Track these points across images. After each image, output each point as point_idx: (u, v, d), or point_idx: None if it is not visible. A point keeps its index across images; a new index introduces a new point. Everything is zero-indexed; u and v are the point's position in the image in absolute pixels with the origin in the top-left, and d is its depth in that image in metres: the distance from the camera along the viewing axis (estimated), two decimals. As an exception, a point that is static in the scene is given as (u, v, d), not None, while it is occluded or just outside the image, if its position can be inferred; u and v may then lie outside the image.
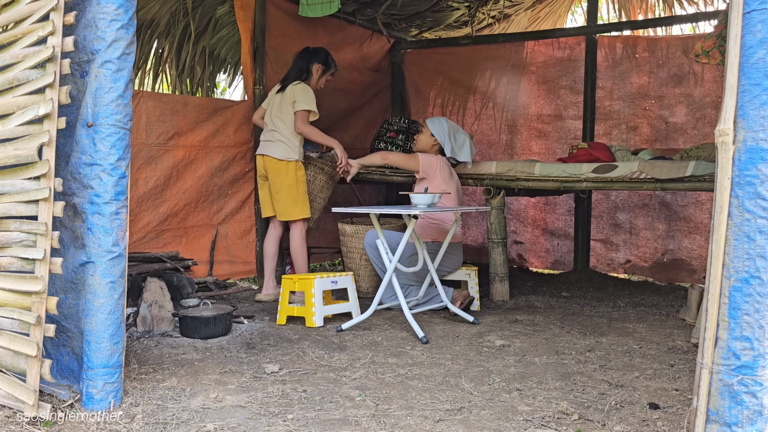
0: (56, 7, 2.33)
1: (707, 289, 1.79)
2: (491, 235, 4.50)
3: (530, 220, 6.05)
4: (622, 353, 3.20)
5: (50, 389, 2.45)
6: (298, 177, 4.28)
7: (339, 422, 2.27)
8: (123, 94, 2.38)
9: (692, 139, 5.29)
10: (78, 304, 2.46)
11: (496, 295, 4.51)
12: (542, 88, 5.93)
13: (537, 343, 3.38)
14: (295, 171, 4.27)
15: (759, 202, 1.69)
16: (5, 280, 2.30)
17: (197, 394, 2.53)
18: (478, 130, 6.18)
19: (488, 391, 2.62)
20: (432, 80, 6.37)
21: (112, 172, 2.37)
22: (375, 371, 2.87)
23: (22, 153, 2.29)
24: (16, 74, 2.36)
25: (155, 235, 4.39)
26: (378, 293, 3.64)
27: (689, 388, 2.64)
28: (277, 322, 3.78)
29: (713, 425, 1.75)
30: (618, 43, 5.59)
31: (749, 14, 1.72)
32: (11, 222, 2.33)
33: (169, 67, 5.41)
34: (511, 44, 6.00)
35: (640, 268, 5.58)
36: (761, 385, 1.70)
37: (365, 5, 5.64)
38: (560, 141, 5.84)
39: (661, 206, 5.48)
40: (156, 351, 3.15)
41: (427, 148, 4.45)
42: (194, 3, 4.97)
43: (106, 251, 2.36)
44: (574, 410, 2.39)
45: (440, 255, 4.01)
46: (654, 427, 2.24)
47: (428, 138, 4.45)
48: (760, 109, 1.69)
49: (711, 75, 5.22)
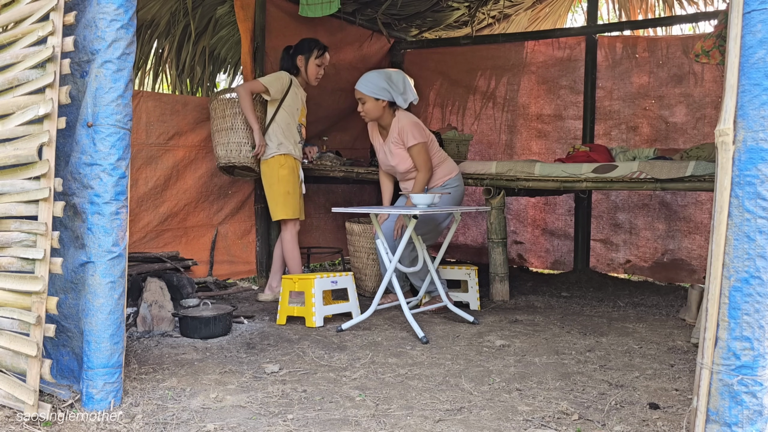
0: (56, 7, 2.33)
1: (707, 289, 1.79)
2: (491, 235, 4.50)
3: (530, 220, 6.05)
4: (622, 353, 3.20)
5: (50, 389, 2.45)
6: (280, 175, 4.19)
7: (339, 422, 2.27)
8: (123, 94, 2.38)
9: (692, 139, 5.29)
10: (78, 304, 2.46)
11: (496, 295, 4.51)
12: (542, 88, 5.93)
13: (537, 343, 3.38)
14: (277, 169, 4.20)
15: (759, 202, 1.69)
16: (5, 280, 2.30)
17: (197, 394, 2.53)
18: (478, 130, 6.18)
19: (488, 391, 2.62)
20: (432, 80, 6.37)
21: (112, 172, 2.37)
22: (375, 371, 2.87)
23: (22, 153, 2.29)
24: (16, 74, 2.36)
25: (155, 235, 4.39)
26: (378, 293, 3.64)
27: (689, 388, 2.64)
28: (277, 322, 3.78)
29: (713, 425, 1.75)
30: (618, 43, 5.59)
31: (749, 14, 1.72)
32: (11, 222, 2.33)
33: (169, 67, 5.42)
34: (511, 44, 6.01)
35: (640, 268, 5.58)
36: (761, 385, 1.70)
37: (365, 5, 5.65)
38: (560, 141, 5.84)
39: (661, 206, 5.48)
40: (156, 351, 3.15)
41: (379, 113, 4.05)
42: (194, 3, 4.97)
43: (106, 251, 2.36)
44: (574, 410, 2.39)
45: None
46: (654, 427, 2.24)
47: (374, 103, 4.02)
48: (760, 109, 1.69)
49: (711, 75, 5.22)
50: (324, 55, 4.37)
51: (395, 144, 4.08)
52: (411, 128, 4.02)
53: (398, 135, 4.06)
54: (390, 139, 4.11)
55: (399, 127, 4.05)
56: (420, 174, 4.05)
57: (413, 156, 4.05)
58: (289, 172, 4.22)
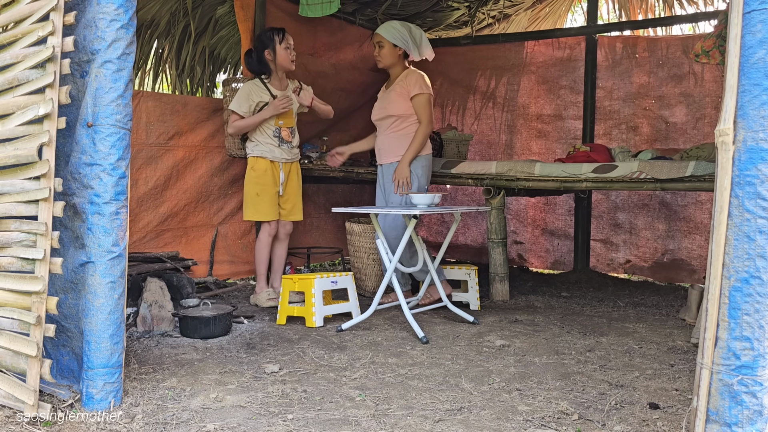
0: (56, 7, 2.33)
1: (707, 289, 1.79)
2: (491, 235, 4.50)
3: (530, 220, 6.05)
4: (622, 353, 3.20)
5: (50, 389, 2.45)
6: (249, 177, 4.19)
7: (339, 422, 2.27)
8: (123, 94, 2.38)
9: (692, 139, 5.29)
10: (78, 304, 2.46)
11: (496, 295, 4.51)
12: (542, 88, 5.93)
13: (537, 343, 3.38)
14: (249, 170, 4.21)
15: (759, 202, 1.69)
16: (5, 280, 2.30)
17: (197, 394, 2.53)
18: (478, 130, 6.18)
19: (488, 391, 2.62)
20: (432, 80, 6.30)
21: (112, 172, 2.37)
22: (375, 371, 2.87)
23: (22, 153, 2.29)
24: (16, 74, 2.36)
25: (155, 235, 4.39)
26: (378, 293, 3.64)
27: (689, 388, 2.64)
28: (277, 322, 3.78)
29: (713, 425, 1.75)
30: (618, 43, 5.59)
31: (749, 14, 1.72)
32: (11, 222, 2.33)
33: (169, 67, 5.42)
34: (511, 44, 6.01)
35: (640, 268, 5.58)
36: (761, 385, 1.70)
37: (365, 5, 5.65)
38: (560, 141, 5.84)
39: (661, 206, 5.48)
40: (156, 351, 3.15)
41: (393, 61, 4.16)
42: (194, 3, 4.97)
43: (106, 251, 2.36)
44: (574, 410, 2.39)
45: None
46: (654, 427, 2.24)
47: (391, 49, 4.13)
48: (760, 109, 1.69)
49: (711, 75, 5.22)
50: (286, 37, 4.24)
51: (398, 93, 4.13)
52: (420, 79, 4.12)
53: (404, 83, 4.11)
54: (394, 87, 4.16)
55: (407, 77, 4.13)
56: (421, 127, 4.09)
57: (417, 106, 4.09)
58: (259, 175, 4.16)
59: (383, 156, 4.26)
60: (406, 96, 4.11)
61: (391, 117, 4.16)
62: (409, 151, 4.09)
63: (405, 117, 4.14)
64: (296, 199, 4.36)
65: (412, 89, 4.08)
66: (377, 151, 4.31)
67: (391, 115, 4.15)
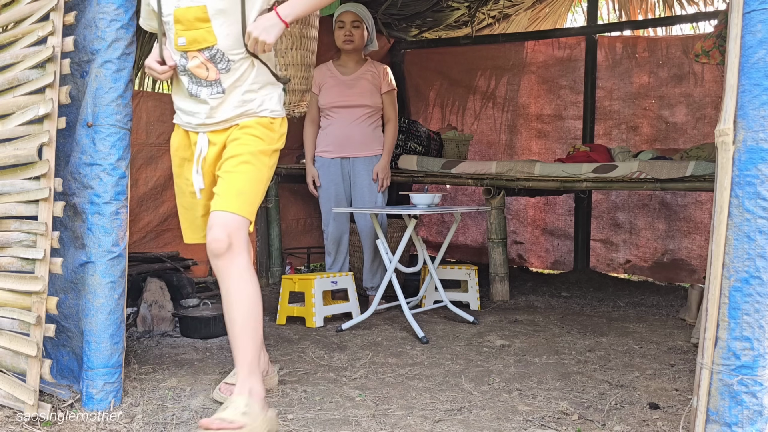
0: (56, 7, 2.33)
1: (707, 289, 1.79)
2: (491, 235, 4.50)
3: (530, 220, 6.05)
4: (622, 353, 3.20)
5: (50, 389, 2.45)
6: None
7: (339, 422, 2.27)
8: (123, 94, 2.39)
9: (692, 139, 5.29)
10: (78, 304, 2.46)
11: (496, 295, 4.51)
12: (542, 88, 5.93)
13: (537, 343, 3.38)
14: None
15: (759, 202, 1.68)
16: (5, 280, 2.30)
17: (197, 394, 2.53)
18: (478, 130, 6.18)
19: (488, 391, 2.62)
20: (432, 80, 6.37)
21: (112, 172, 2.37)
22: (375, 371, 2.87)
23: (22, 153, 2.29)
24: (16, 74, 2.36)
25: (155, 235, 4.39)
26: (378, 293, 3.64)
27: (689, 388, 2.64)
28: (277, 322, 3.78)
29: (713, 425, 1.75)
30: (618, 43, 5.59)
31: (749, 14, 1.72)
32: (11, 222, 2.33)
33: (169, 67, 5.41)
34: (511, 44, 6.00)
35: (640, 268, 5.58)
36: (761, 385, 1.70)
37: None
38: (560, 141, 5.84)
39: (661, 206, 5.48)
40: (156, 351, 3.15)
41: (362, 46, 4.00)
42: (194, 3, 4.96)
43: (106, 251, 2.36)
44: (574, 410, 2.39)
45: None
46: (654, 427, 2.24)
47: (364, 34, 3.97)
48: (760, 109, 1.69)
49: (711, 75, 5.22)
50: None
51: (370, 83, 3.99)
52: (390, 73, 4.04)
53: (376, 75, 4.02)
54: (362, 75, 3.99)
55: (379, 69, 4.04)
56: (390, 125, 4.05)
57: (388, 103, 4.03)
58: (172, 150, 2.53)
59: (356, 148, 4.01)
60: (378, 89, 4.01)
61: (365, 107, 4.00)
62: (388, 151, 4.05)
63: (377, 109, 4.04)
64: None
65: (386, 85, 4.02)
66: (341, 142, 4.00)
67: (366, 105, 4.00)
